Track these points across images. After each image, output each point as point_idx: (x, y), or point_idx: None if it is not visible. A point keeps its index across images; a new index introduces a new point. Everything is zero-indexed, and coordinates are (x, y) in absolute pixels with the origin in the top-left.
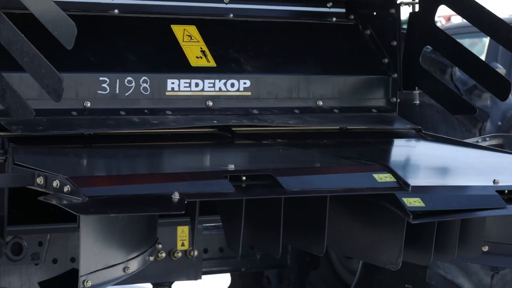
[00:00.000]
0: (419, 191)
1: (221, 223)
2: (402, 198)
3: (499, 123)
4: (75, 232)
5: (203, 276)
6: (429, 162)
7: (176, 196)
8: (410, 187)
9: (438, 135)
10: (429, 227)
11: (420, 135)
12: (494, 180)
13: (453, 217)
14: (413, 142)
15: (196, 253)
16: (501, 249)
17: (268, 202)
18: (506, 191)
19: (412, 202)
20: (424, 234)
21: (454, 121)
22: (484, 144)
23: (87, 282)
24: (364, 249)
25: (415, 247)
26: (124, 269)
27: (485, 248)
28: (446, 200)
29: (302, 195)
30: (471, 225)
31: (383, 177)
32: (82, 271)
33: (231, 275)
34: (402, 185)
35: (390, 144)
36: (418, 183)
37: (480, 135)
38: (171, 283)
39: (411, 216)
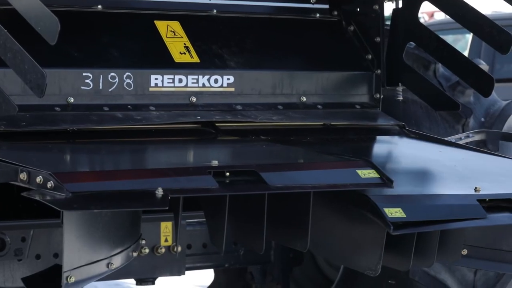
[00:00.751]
0: (400, 200)
1: (204, 219)
2: (384, 209)
3: (482, 119)
4: (58, 227)
5: (186, 272)
6: (411, 164)
7: (159, 192)
8: (394, 183)
9: (421, 132)
10: (409, 233)
11: (403, 132)
12: (476, 187)
13: (433, 228)
14: (396, 140)
15: (179, 249)
16: (480, 253)
17: (251, 198)
18: (487, 199)
19: (393, 212)
20: (404, 239)
21: (437, 117)
22: (467, 140)
23: (70, 277)
24: (344, 253)
25: (394, 252)
26: (107, 265)
27: (464, 252)
28: (426, 211)
29: (286, 191)
30: (451, 232)
31: (367, 173)
32: (65, 267)
33: (215, 271)
34: (385, 181)
35: (373, 140)
36: (399, 191)
37: (463, 131)
38: (155, 279)
39: (392, 228)
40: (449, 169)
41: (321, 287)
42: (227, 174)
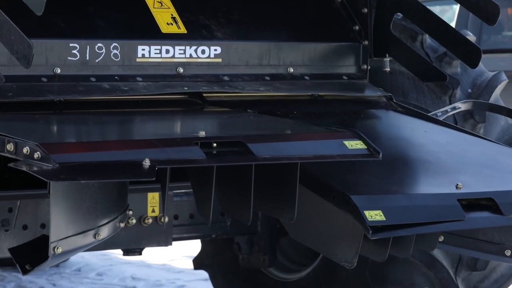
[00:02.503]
0: (381, 202)
1: (191, 190)
2: (364, 211)
3: (469, 90)
4: (45, 198)
5: (173, 242)
6: (395, 151)
7: (146, 163)
8: (381, 154)
9: (408, 106)
10: None
11: (390, 105)
12: (457, 184)
13: (411, 232)
14: (382, 116)
15: (166, 219)
16: (456, 241)
17: (238, 169)
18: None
19: (374, 215)
20: None
21: (424, 88)
22: (454, 112)
23: (57, 248)
24: (322, 243)
25: (372, 243)
26: (94, 236)
27: (441, 239)
28: (406, 213)
29: (273, 161)
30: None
31: (354, 144)
32: (52, 238)
33: (202, 241)
34: (372, 152)
35: (360, 112)
36: (379, 190)
37: (450, 102)
38: (142, 249)
39: (371, 232)
40: (433, 158)
41: (307, 257)
42: (214, 145)
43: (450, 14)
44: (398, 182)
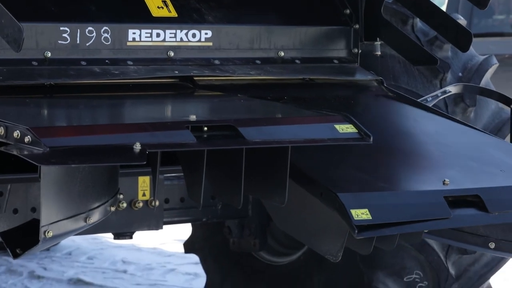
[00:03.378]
0: (368, 200)
1: (182, 173)
2: (351, 210)
3: (460, 74)
4: (36, 182)
5: (164, 226)
6: (384, 141)
7: (137, 147)
8: (371, 138)
9: (399, 92)
10: None
11: (381, 90)
12: (444, 181)
13: (396, 231)
14: (373, 100)
15: (157, 203)
16: (441, 232)
17: (229, 153)
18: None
19: (360, 214)
20: None
21: (415, 71)
22: (445, 96)
23: (48, 232)
24: (308, 235)
25: None
26: (85, 220)
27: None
28: (392, 212)
29: (264, 145)
30: None
31: (345, 128)
32: (43, 222)
33: (192, 225)
34: (363, 136)
35: (351, 97)
36: (367, 187)
37: (441, 86)
38: (132, 233)
39: (357, 231)
40: (422, 150)
41: (298, 241)
42: (205, 128)
43: None
44: (386, 177)
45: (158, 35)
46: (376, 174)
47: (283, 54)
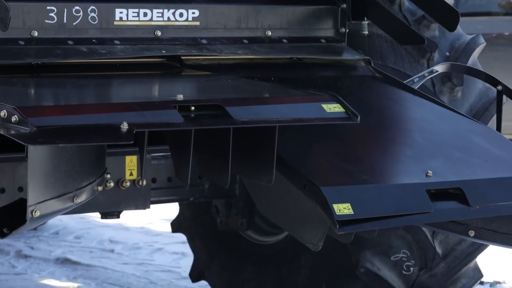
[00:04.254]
0: (350, 194)
1: (169, 153)
2: (333, 205)
3: (447, 53)
4: (23, 162)
5: (151, 206)
6: (370, 127)
7: (124, 126)
8: (359, 118)
9: (386, 73)
10: None
11: (369, 70)
12: (427, 173)
13: (378, 226)
14: (360, 82)
15: (144, 182)
16: None
17: (217, 132)
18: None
19: (342, 209)
20: None
21: (402, 51)
22: (432, 76)
23: (35, 212)
24: (290, 222)
25: None
26: (72, 199)
27: None
28: (374, 206)
29: (251, 125)
30: None
31: (332, 108)
32: (30, 201)
33: (180, 205)
34: (350, 115)
35: (338, 78)
36: (350, 179)
37: (428, 66)
38: (120, 212)
39: (338, 227)
40: (406, 138)
41: None
42: (192, 108)
43: None
44: (369, 168)
45: (145, 14)
46: (360, 164)
47: (270, 33)
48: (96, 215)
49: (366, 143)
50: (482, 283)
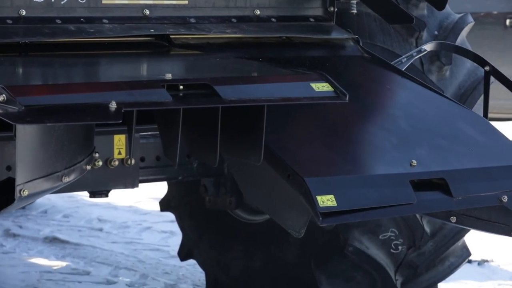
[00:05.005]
0: (334, 185)
1: (158, 132)
2: (317, 196)
3: (436, 32)
4: (11, 141)
5: (140, 184)
6: (354, 115)
7: (113, 105)
8: (347, 97)
9: (374, 54)
10: None
11: (357, 50)
12: (411, 162)
13: (361, 218)
14: (348, 63)
15: (133, 161)
16: None
17: (205, 111)
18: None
19: (325, 200)
20: None
21: (391, 30)
22: (420, 55)
23: (23, 191)
24: (273, 208)
25: None
26: (61, 178)
27: None
28: (357, 198)
29: (239, 104)
30: None
31: (320, 86)
32: (18, 180)
33: (168, 183)
34: (339, 94)
35: (326, 58)
36: (334, 169)
37: (417, 45)
38: (108, 191)
39: (321, 219)
40: (392, 125)
41: None
42: (181, 87)
43: None
44: (354, 157)
45: None
46: (345, 152)
47: (259, 12)
48: (84, 194)
49: (351, 129)
50: (470, 261)
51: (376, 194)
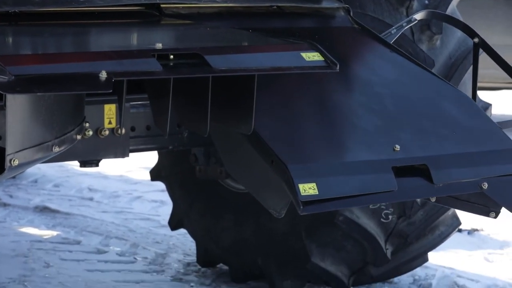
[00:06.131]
0: (316, 173)
1: (148, 102)
2: (299, 185)
3: (426, 1)
4: (0, 110)
5: (130, 154)
6: (340, 94)
7: (103, 75)
8: (338, 66)
9: (364, 25)
10: None
11: (348, 21)
12: (395, 147)
13: (342, 206)
14: (337, 34)
15: (123, 131)
16: None
17: (195, 81)
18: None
19: (307, 189)
20: None
21: None
22: (410, 25)
23: (14, 160)
24: (255, 186)
25: None
26: (51, 148)
27: None
28: (339, 186)
29: (230, 73)
30: None
31: (311, 56)
32: (8, 150)
33: (159, 153)
34: (329, 64)
35: (317, 25)
36: (317, 155)
37: (407, 14)
38: (99, 161)
39: (302, 207)
40: (377, 105)
41: None
42: (171, 57)
43: None
44: (337, 142)
45: None
46: (329, 135)
47: None
48: (75, 164)
49: (337, 110)
50: (460, 230)
51: (357, 181)
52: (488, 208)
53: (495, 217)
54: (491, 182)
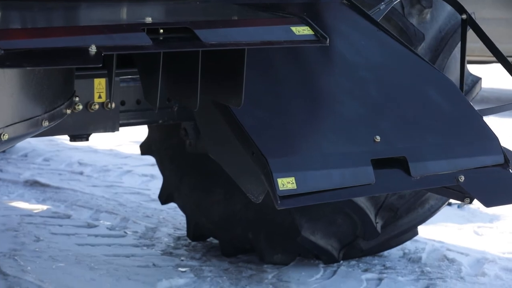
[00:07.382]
0: (295, 167)
1: (138, 76)
2: (278, 179)
3: None
4: None
5: (120, 128)
6: (325, 79)
7: (93, 49)
8: (328, 40)
9: (354, 2)
10: None
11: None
12: (375, 138)
13: (320, 201)
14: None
15: (113, 105)
16: None
17: (186, 55)
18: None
19: (286, 183)
20: None
21: None
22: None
23: (3, 135)
24: (235, 169)
25: None
26: (41, 122)
27: None
28: (317, 180)
29: (220, 47)
30: None
31: (301, 30)
32: None
33: (149, 127)
34: (319, 37)
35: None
36: (297, 147)
37: None
38: (89, 135)
39: (279, 202)
40: (361, 91)
41: None
42: (161, 31)
43: None
44: (318, 132)
45: None
46: (310, 124)
47: None
48: (65, 138)
49: (319, 97)
50: (450, 204)
51: (336, 175)
52: (463, 194)
53: (470, 202)
54: (467, 175)
